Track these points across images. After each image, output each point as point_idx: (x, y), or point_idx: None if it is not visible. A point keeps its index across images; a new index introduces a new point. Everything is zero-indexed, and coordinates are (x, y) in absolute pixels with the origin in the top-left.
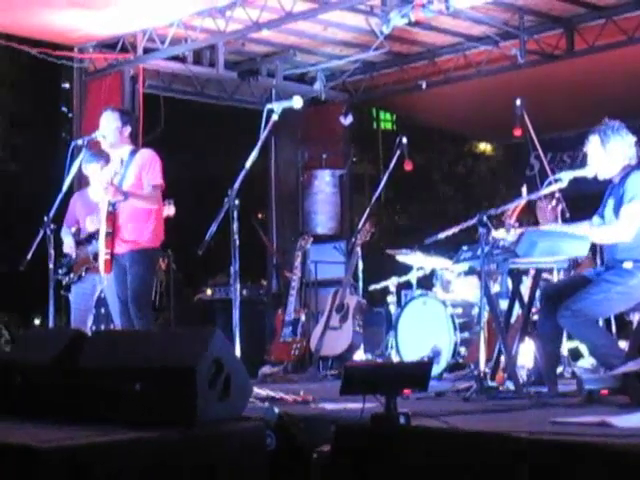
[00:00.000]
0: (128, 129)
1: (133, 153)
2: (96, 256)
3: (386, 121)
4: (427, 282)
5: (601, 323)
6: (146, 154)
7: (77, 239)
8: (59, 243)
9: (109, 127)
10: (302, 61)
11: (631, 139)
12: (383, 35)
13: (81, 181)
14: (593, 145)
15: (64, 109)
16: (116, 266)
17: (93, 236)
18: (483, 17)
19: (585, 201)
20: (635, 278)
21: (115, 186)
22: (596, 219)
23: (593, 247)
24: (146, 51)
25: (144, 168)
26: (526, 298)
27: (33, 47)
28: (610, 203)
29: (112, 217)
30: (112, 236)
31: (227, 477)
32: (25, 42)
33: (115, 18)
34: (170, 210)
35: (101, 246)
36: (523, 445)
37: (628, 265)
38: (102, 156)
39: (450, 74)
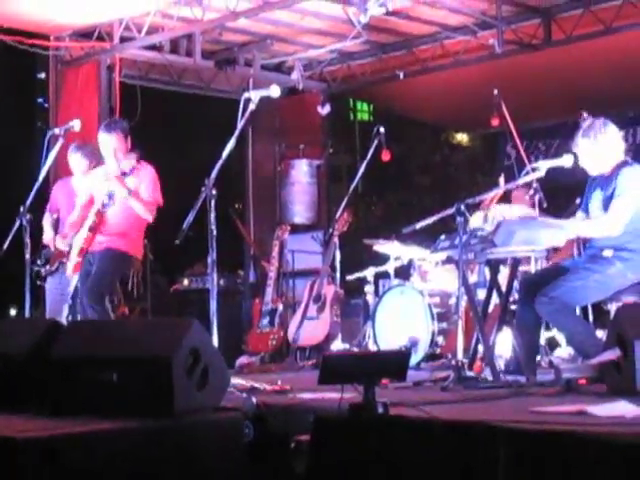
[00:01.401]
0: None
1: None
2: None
3: (363, 112)
4: (404, 272)
5: (578, 312)
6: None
7: (56, 230)
8: (35, 233)
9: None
10: (279, 50)
11: (618, 134)
12: (361, 24)
13: (58, 171)
14: (583, 148)
15: (40, 100)
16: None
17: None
18: (461, 7)
19: (561, 192)
20: (613, 267)
21: (122, 178)
22: (580, 214)
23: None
24: (123, 40)
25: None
26: (504, 288)
27: (8, 35)
28: (597, 197)
29: (100, 215)
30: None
31: (205, 467)
32: (0, 31)
33: (91, 7)
34: None
35: (79, 241)
36: (502, 434)
37: (608, 253)
38: (83, 147)
39: (428, 64)
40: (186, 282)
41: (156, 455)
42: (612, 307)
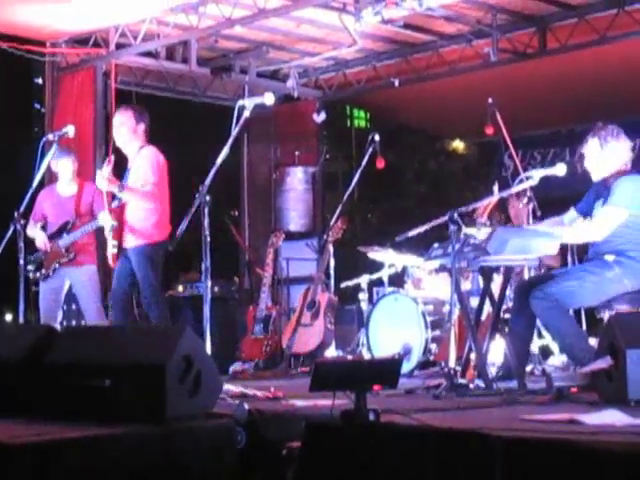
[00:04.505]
0: (142, 126)
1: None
2: (69, 249)
3: (360, 119)
4: (398, 279)
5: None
6: (145, 153)
7: (47, 234)
8: (28, 239)
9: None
10: (275, 58)
11: (628, 143)
12: (356, 32)
13: (52, 177)
14: (591, 148)
15: (37, 105)
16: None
17: (63, 230)
18: (456, 15)
19: (555, 203)
20: (612, 271)
21: (113, 179)
22: (572, 213)
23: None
24: (118, 47)
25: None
26: (497, 296)
27: (4, 42)
28: (599, 205)
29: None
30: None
31: (197, 474)
32: None
33: (87, 13)
34: None
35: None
36: (493, 442)
37: (609, 257)
38: (71, 151)
39: (423, 72)
40: (180, 289)
41: (148, 461)
42: (605, 315)
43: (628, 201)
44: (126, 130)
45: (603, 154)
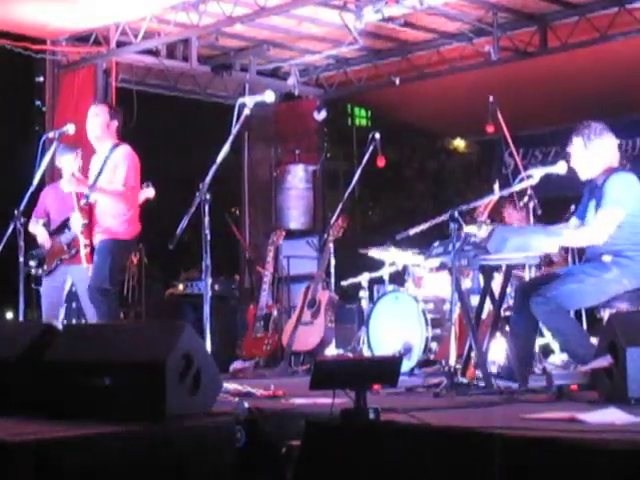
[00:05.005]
0: (115, 123)
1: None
2: (70, 245)
3: (361, 117)
4: (399, 278)
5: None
6: (121, 152)
7: (49, 230)
8: (29, 236)
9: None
10: (275, 56)
11: (613, 141)
12: (356, 30)
13: (53, 174)
14: (576, 147)
15: (38, 103)
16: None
17: (65, 226)
18: (457, 13)
19: (555, 203)
20: (610, 272)
21: (82, 178)
22: (574, 220)
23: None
24: (119, 45)
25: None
26: (497, 294)
27: (5, 39)
28: (592, 205)
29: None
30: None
31: (196, 472)
32: None
33: (88, 11)
34: (149, 192)
35: (80, 238)
36: (493, 440)
37: (607, 258)
38: (75, 147)
39: (423, 70)
40: (181, 287)
41: (148, 460)
42: (605, 314)
43: (622, 200)
44: (100, 122)
45: (588, 153)
